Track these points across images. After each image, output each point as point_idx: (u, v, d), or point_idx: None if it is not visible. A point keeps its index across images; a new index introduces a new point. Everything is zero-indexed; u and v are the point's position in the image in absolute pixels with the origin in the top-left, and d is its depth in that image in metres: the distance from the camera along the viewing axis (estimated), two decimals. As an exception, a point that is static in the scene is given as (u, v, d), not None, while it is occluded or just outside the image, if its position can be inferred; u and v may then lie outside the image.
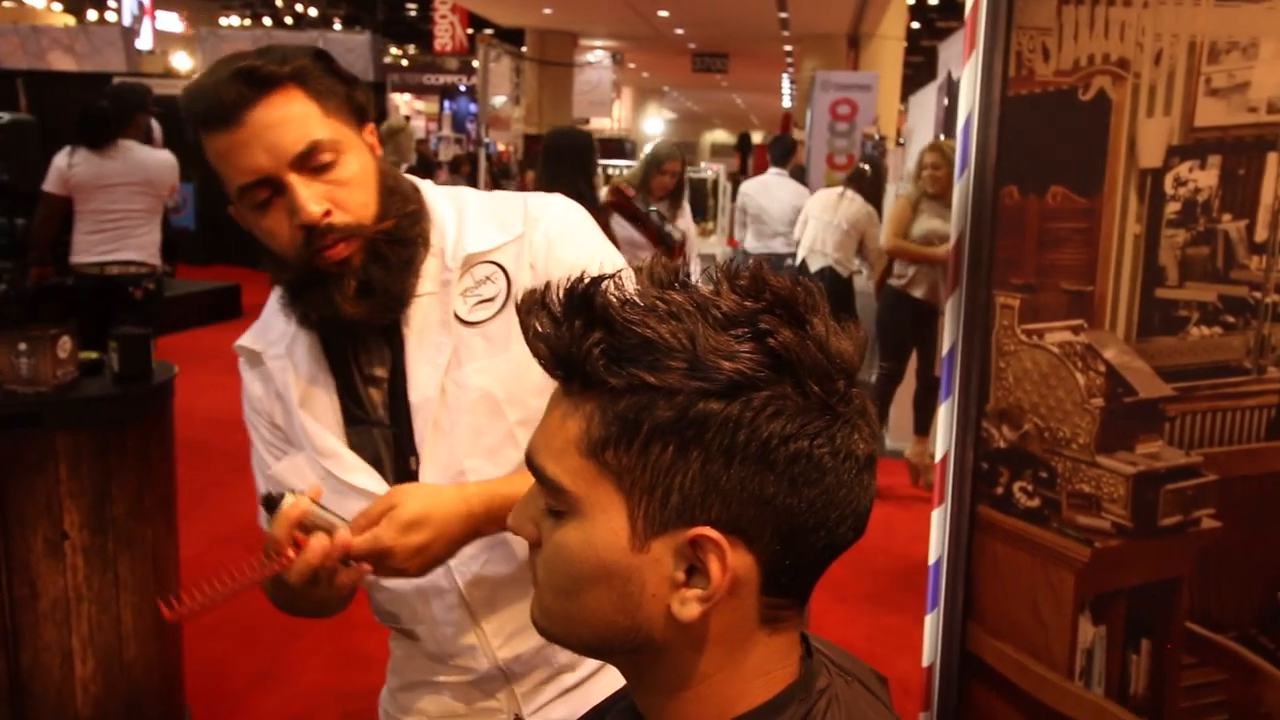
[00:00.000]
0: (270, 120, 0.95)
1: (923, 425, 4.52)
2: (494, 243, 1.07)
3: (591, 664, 1.14)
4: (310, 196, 0.97)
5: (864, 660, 0.73)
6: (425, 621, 1.12)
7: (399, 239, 1.03)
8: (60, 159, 4.15)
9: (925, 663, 1.43)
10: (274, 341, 1.10)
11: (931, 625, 1.42)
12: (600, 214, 3.52)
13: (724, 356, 0.54)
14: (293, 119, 0.96)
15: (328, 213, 0.97)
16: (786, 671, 0.62)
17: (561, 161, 3.55)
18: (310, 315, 1.04)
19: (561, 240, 1.09)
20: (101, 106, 4.34)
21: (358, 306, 1.01)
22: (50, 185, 4.14)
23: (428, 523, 0.94)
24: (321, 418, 1.08)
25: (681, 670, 0.60)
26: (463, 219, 1.08)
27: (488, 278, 1.07)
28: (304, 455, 1.08)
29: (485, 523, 0.98)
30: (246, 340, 1.12)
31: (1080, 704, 1.26)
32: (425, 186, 1.11)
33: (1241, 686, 1.14)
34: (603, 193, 4.24)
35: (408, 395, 1.06)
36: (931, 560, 1.41)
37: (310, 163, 0.97)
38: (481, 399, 1.05)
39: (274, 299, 1.10)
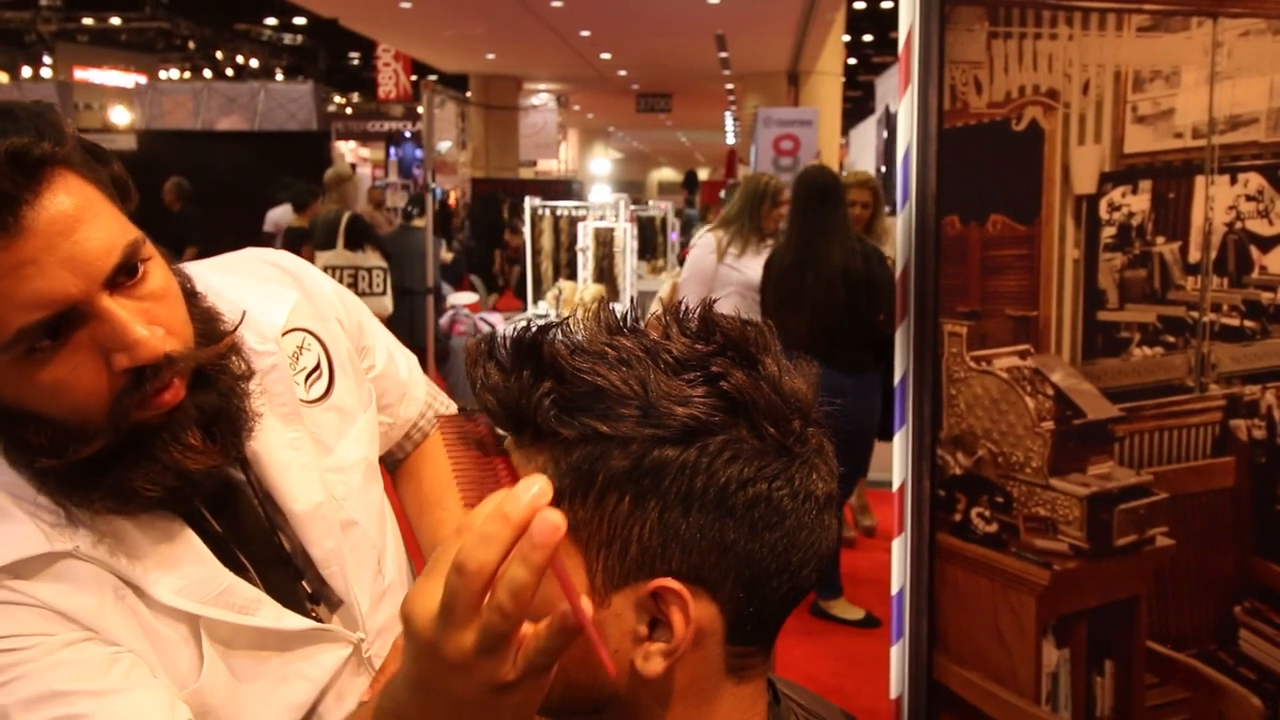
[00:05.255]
0: (63, 222, 0.67)
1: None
2: (288, 307, 0.91)
3: None
4: (140, 323, 0.70)
5: (832, 696, 0.72)
6: None
7: (226, 356, 0.79)
8: None
9: (893, 694, 1.43)
10: (65, 532, 0.74)
11: (898, 656, 1.41)
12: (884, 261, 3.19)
13: (677, 402, 0.53)
14: (90, 217, 0.69)
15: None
16: (755, 720, 0.61)
17: (818, 203, 3.20)
18: (148, 491, 0.74)
19: (339, 287, 1.01)
20: None
21: (206, 457, 0.76)
22: None
23: None
24: (211, 579, 0.80)
25: None
26: (223, 292, 0.87)
27: (300, 347, 0.91)
28: (177, 635, 0.79)
29: None
30: (11, 551, 0.71)
31: (1049, 728, 1.26)
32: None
33: (1204, 704, 1.15)
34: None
35: (282, 514, 0.86)
36: (894, 590, 1.41)
37: (121, 276, 0.70)
38: (367, 468, 0.94)
39: None
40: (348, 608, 0.90)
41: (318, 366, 0.92)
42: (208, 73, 16.34)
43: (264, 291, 0.91)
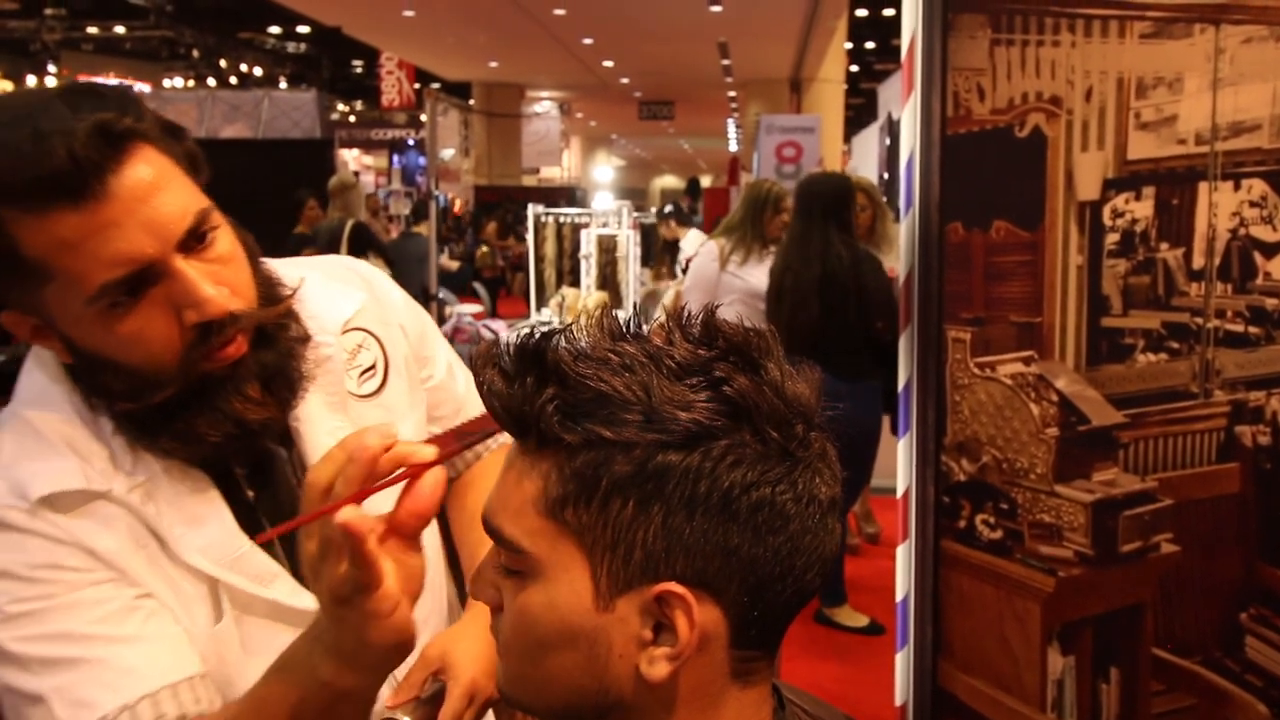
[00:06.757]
0: (142, 189, 0.74)
1: None
2: (354, 306, 0.96)
3: None
4: (208, 283, 0.77)
5: (836, 703, 0.72)
6: None
7: (286, 318, 0.86)
8: None
9: (898, 702, 1.42)
10: (105, 474, 0.80)
11: (902, 663, 1.41)
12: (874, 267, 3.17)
13: (680, 407, 0.53)
14: (166, 185, 0.76)
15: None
16: (759, 726, 0.60)
17: (803, 208, 3.22)
18: (210, 436, 0.80)
19: (409, 298, 1.05)
20: None
21: (264, 410, 0.82)
22: None
23: (482, 678, 0.90)
24: (229, 543, 0.84)
25: None
26: (303, 285, 0.93)
27: (360, 345, 0.96)
28: (196, 591, 0.83)
29: None
30: (52, 484, 0.77)
31: (1054, 736, 1.26)
32: None
33: (1211, 710, 1.15)
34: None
35: None
36: (899, 597, 1.40)
37: (192, 241, 0.77)
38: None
39: (23, 425, 0.80)
40: None
41: (373, 366, 0.97)
42: (212, 81, 16.38)
43: (334, 289, 0.97)
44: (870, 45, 16.61)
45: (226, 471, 0.86)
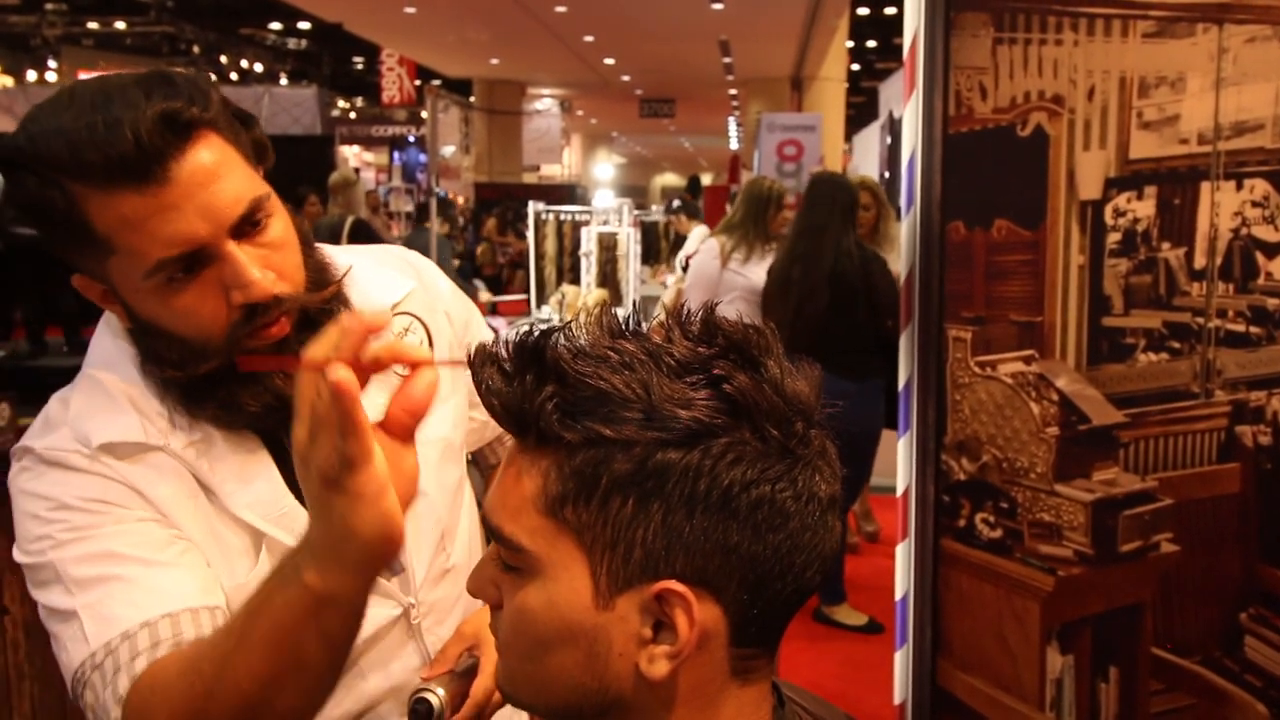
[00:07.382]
0: (201, 176, 0.79)
1: None
2: (403, 291, 1.01)
3: None
4: (257, 266, 0.82)
5: (836, 702, 0.72)
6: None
7: (332, 303, 0.91)
8: None
9: (897, 700, 1.42)
10: (164, 431, 0.87)
11: (901, 662, 1.41)
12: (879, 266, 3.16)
13: (680, 405, 0.53)
14: (225, 173, 0.81)
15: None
16: (759, 724, 0.60)
17: (814, 205, 3.22)
18: (249, 406, 0.86)
19: (455, 288, 1.10)
20: None
21: None
22: None
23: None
24: (277, 500, 0.89)
25: None
26: (354, 269, 0.98)
27: (406, 329, 1.01)
28: (241, 544, 0.89)
29: None
30: (112, 434, 0.85)
31: (1053, 735, 1.26)
32: None
33: (1210, 710, 1.15)
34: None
35: None
36: (898, 596, 1.40)
37: (246, 226, 0.83)
38: (445, 448, 1.02)
39: (93, 384, 0.88)
40: (404, 575, 0.96)
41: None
42: (212, 77, 16.37)
43: (384, 274, 1.02)
44: (872, 44, 16.58)
45: (276, 439, 0.91)
